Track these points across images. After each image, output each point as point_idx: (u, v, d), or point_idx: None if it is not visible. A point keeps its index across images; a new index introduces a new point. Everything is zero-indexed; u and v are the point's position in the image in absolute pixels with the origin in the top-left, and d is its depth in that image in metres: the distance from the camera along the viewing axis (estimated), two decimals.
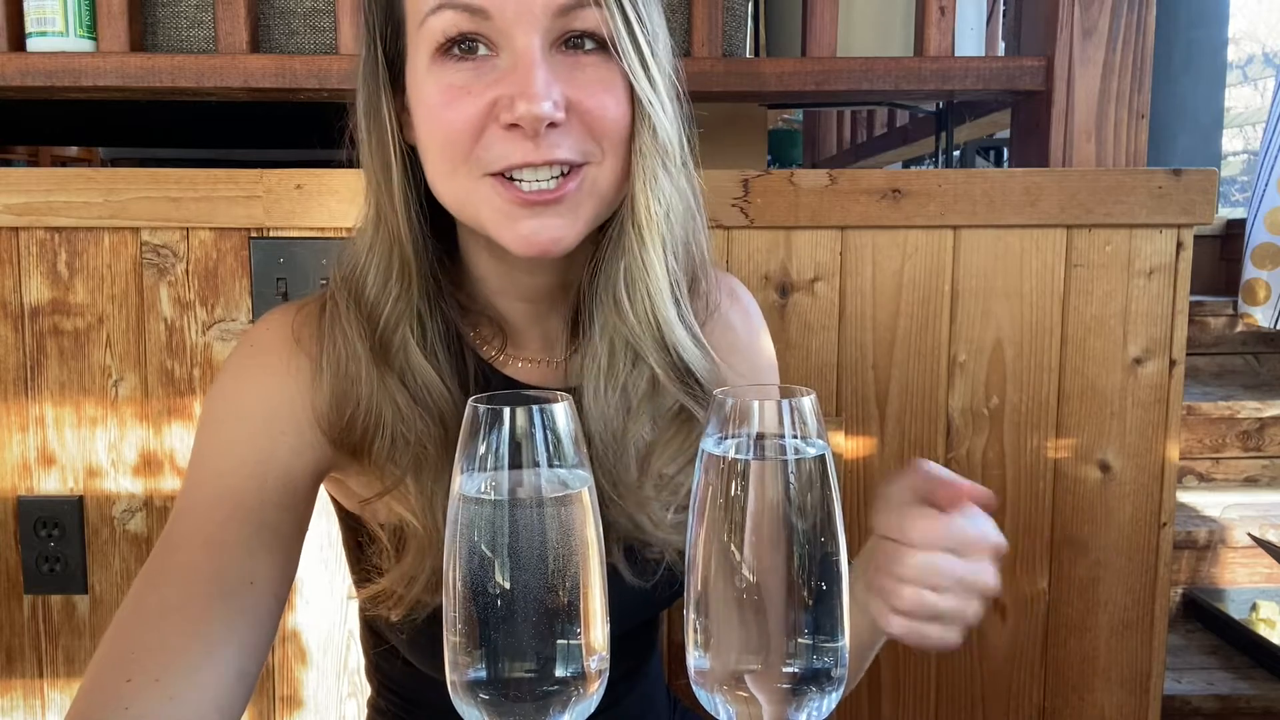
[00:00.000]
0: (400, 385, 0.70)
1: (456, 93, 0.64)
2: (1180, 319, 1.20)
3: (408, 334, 0.71)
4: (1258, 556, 2.00)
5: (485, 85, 0.64)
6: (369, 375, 0.70)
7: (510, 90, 0.63)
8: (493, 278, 0.76)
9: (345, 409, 0.70)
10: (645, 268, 0.69)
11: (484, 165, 0.65)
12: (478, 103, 0.64)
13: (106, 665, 0.59)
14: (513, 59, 0.63)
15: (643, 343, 0.71)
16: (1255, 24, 9.30)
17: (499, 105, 0.64)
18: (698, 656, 0.49)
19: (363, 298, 0.71)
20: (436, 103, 0.65)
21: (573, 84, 0.64)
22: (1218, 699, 1.68)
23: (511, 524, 0.46)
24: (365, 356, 0.70)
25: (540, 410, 0.46)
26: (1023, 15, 1.35)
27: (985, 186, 1.17)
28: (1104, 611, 1.24)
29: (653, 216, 0.68)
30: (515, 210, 0.66)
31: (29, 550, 1.21)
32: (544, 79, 0.62)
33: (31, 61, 1.19)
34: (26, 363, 1.19)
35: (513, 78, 0.63)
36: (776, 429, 0.47)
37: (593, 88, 0.65)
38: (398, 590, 0.71)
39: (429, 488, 0.70)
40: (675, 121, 0.69)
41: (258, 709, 1.24)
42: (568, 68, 0.65)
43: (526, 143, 0.64)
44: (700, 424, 0.71)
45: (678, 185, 0.70)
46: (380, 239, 0.71)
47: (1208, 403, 2.25)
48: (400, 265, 0.71)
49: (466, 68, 0.65)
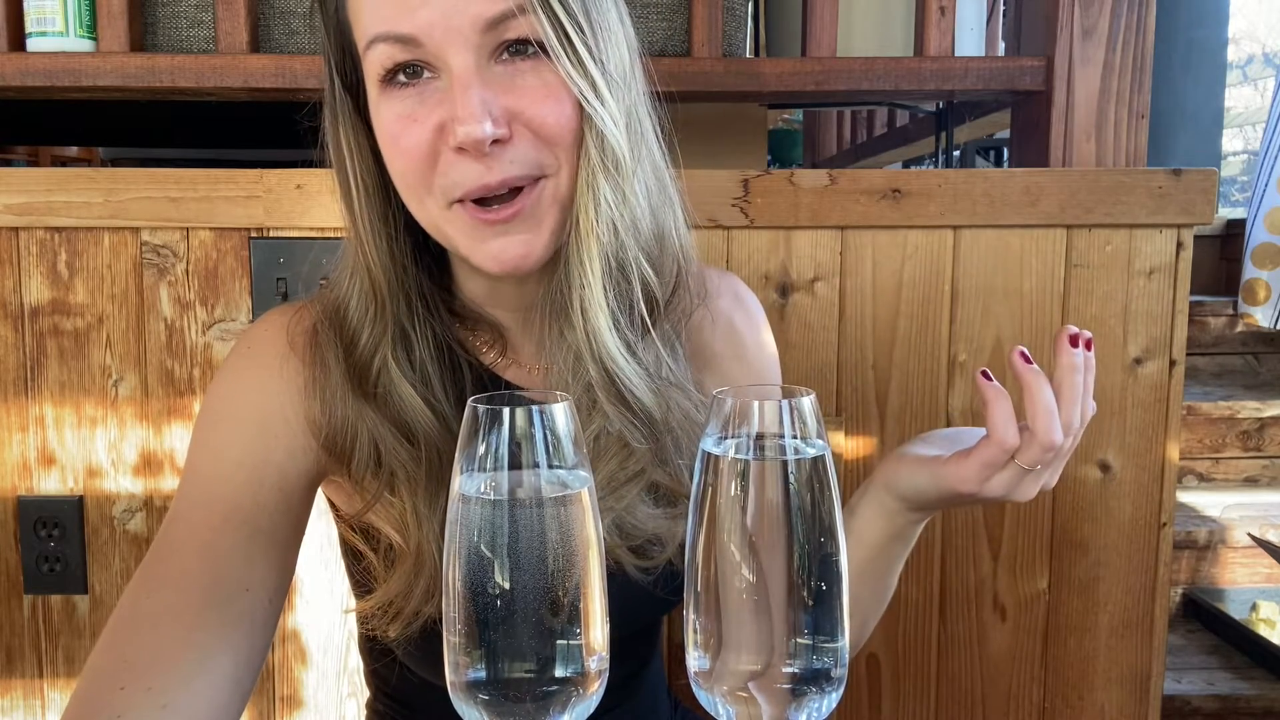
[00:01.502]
0: (379, 410, 0.70)
1: (405, 122, 0.65)
2: (1180, 319, 1.20)
3: (388, 358, 0.71)
4: (1258, 556, 2.00)
5: (429, 110, 0.64)
6: (344, 400, 0.70)
7: (451, 113, 0.63)
8: (479, 291, 0.77)
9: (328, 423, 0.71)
10: (582, 279, 0.68)
11: (447, 193, 0.65)
12: (425, 129, 0.64)
13: (99, 673, 0.59)
14: (449, 80, 0.63)
15: (582, 355, 0.69)
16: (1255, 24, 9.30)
17: (446, 128, 0.64)
18: (698, 657, 0.49)
19: (344, 323, 0.72)
20: (390, 134, 0.66)
21: (513, 94, 0.64)
22: (1218, 699, 1.68)
23: (511, 524, 0.46)
24: (341, 383, 0.70)
25: (540, 411, 0.46)
26: (1023, 15, 1.35)
27: (985, 186, 1.17)
28: (1104, 611, 1.24)
29: (593, 227, 0.67)
30: (482, 230, 0.66)
31: (29, 550, 1.21)
32: (479, 99, 0.62)
33: (31, 61, 1.19)
34: (26, 363, 1.19)
35: (451, 100, 0.63)
36: (776, 429, 0.47)
37: (534, 95, 0.64)
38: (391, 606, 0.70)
39: (410, 506, 0.69)
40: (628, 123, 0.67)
41: (258, 709, 1.24)
42: (508, 77, 0.64)
43: (478, 165, 0.64)
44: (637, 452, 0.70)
45: (629, 190, 0.68)
46: (356, 267, 0.72)
47: (1208, 403, 2.25)
48: (374, 295, 0.71)
49: (411, 95, 0.65)
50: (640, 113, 0.70)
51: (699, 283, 0.78)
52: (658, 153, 0.73)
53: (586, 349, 0.69)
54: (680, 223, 0.75)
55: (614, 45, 0.67)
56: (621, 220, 0.68)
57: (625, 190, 0.67)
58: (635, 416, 0.70)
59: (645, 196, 0.70)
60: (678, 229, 0.75)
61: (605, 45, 0.66)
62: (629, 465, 0.70)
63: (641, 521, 0.72)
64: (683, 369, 0.76)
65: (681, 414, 0.73)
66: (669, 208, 0.74)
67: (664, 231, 0.73)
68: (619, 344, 0.69)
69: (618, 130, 0.66)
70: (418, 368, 0.72)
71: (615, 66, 0.66)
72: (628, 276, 0.69)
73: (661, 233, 0.73)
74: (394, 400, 0.70)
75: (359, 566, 0.75)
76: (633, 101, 0.68)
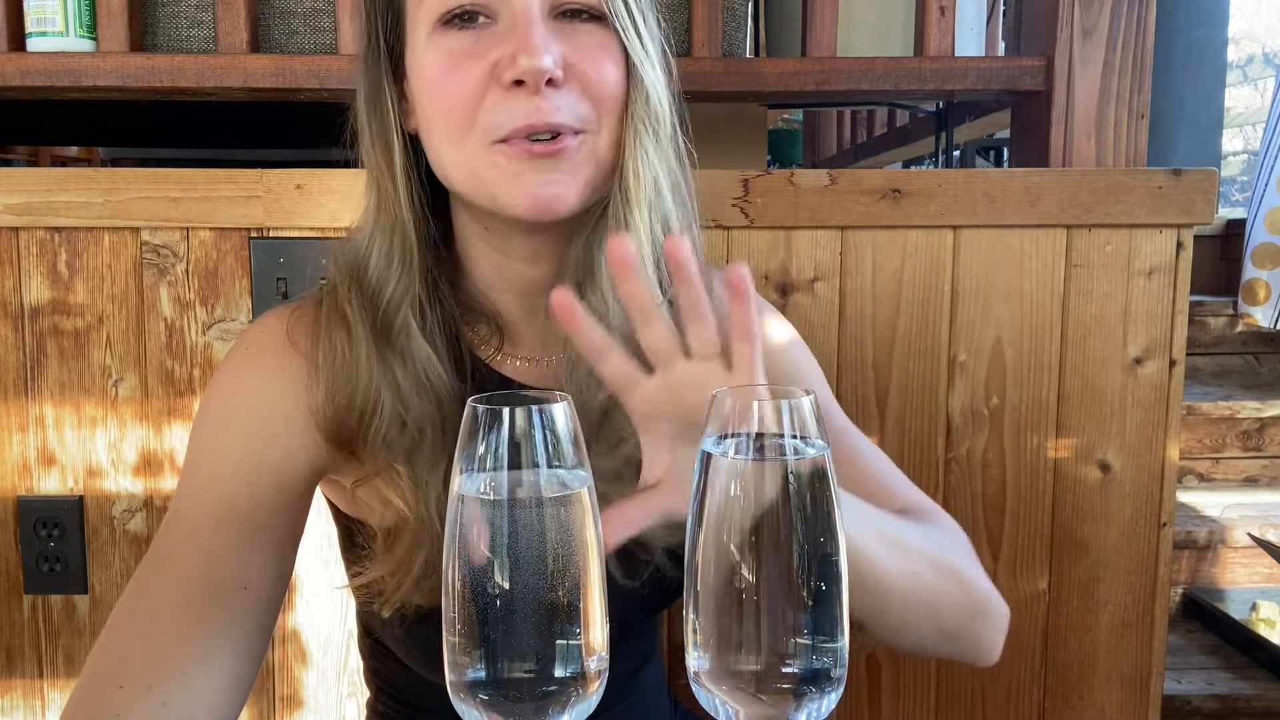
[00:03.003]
0: (401, 366, 0.70)
1: (458, 58, 0.66)
2: (1180, 319, 1.20)
3: (409, 316, 0.71)
4: (1258, 556, 2.00)
5: (485, 48, 0.66)
6: (369, 357, 0.70)
7: (511, 48, 0.64)
8: (490, 270, 0.76)
9: (341, 397, 0.70)
10: (630, 232, 0.69)
11: (490, 133, 0.66)
12: (479, 65, 0.65)
13: (99, 672, 0.59)
14: (511, 20, 0.65)
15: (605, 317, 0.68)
16: (1255, 24, 9.30)
17: (500, 65, 0.65)
18: (697, 656, 0.49)
19: (365, 280, 0.72)
20: (438, 70, 0.66)
21: (571, 47, 0.66)
22: (1218, 699, 1.68)
23: (511, 524, 0.46)
24: (366, 338, 0.70)
25: (539, 411, 0.46)
26: (1023, 15, 1.35)
27: (985, 186, 1.17)
28: (1104, 611, 1.24)
29: (641, 183, 0.69)
30: (521, 166, 0.66)
31: (29, 550, 1.21)
32: (543, 35, 0.64)
33: (31, 61, 1.19)
34: (26, 363, 1.19)
35: (512, 37, 0.65)
36: (776, 429, 0.47)
37: (591, 51, 0.67)
38: (388, 583, 0.70)
39: (424, 476, 0.69)
40: (667, 93, 0.71)
41: (258, 709, 1.24)
42: (565, 34, 0.67)
43: (528, 103, 0.65)
44: None
45: (665, 158, 0.71)
46: (382, 225, 0.72)
47: (1208, 403, 2.25)
48: (403, 247, 0.71)
49: (467, 35, 0.66)
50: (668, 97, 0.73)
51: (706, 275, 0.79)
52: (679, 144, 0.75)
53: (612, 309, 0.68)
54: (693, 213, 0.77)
55: (652, 19, 0.72)
56: (661, 181, 0.71)
57: (665, 151, 0.71)
58: None
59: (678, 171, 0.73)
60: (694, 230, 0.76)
61: (649, 16, 0.71)
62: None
63: None
64: None
65: None
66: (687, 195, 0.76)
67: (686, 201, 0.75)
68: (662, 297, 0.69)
69: (663, 93, 0.70)
70: (429, 336, 0.72)
71: (658, 35, 0.72)
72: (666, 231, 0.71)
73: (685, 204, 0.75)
74: (411, 356, 0.70)
75: (356, 556, 0.76)
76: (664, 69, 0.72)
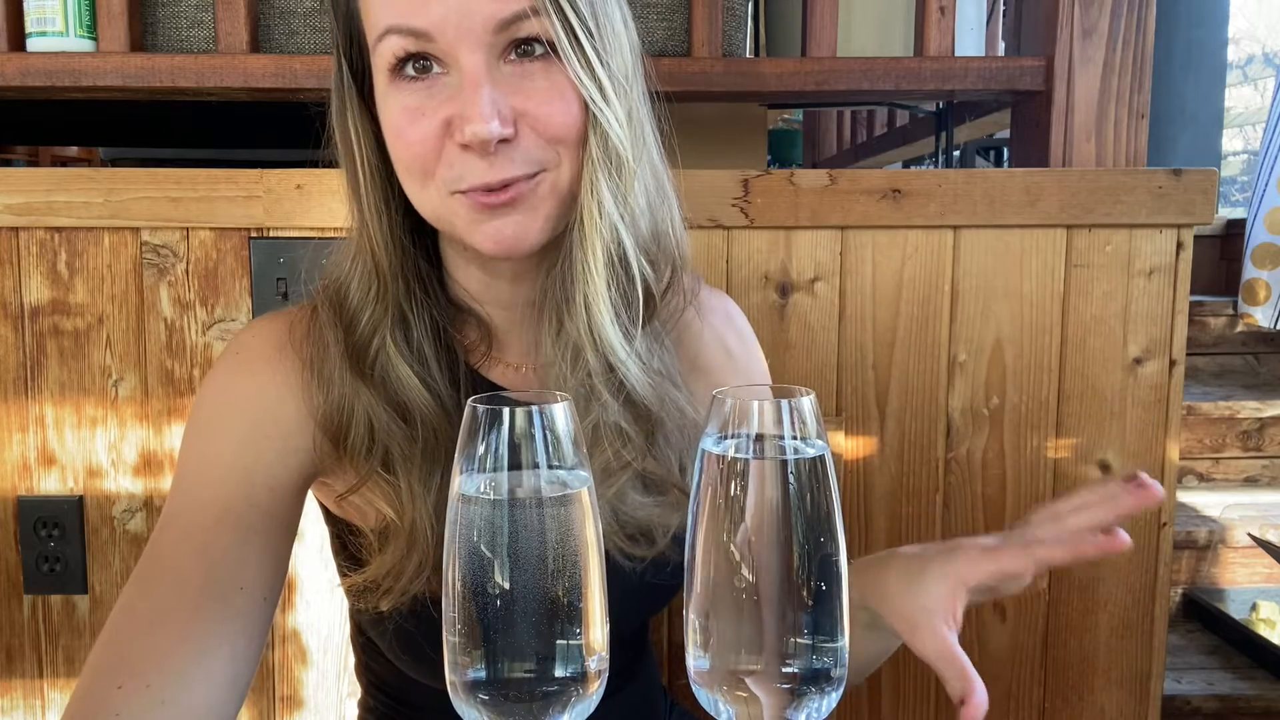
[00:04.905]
0: (375, 390, 0.71)
1: (412, 114, 0.66)
2: (1180, 319, 1.20)
3: (386, 339, 0.72)
4: (1258, 556, 2.00)
5: (438, 104, 0.65)
6: (341, 379, 0.71)
7: (459, 110, 0.64)
8: (474, 286, 0.77)
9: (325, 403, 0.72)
10: (586, 273, 0.69)
11: (448, 184, 0.67)
12: (432, 122, 0.65)
13: (97, 672, 0.60)
14: (460, 78, 0.64)
15: (583, 346, 0.71)
16: (1255, 24, 9.30)
17: (453, 125, 0.65)
18: (697, 656, 0.49)
19: (344, 305, 0.73)
20: (396, 125, 0.67)
21: (521, 94, 0.65)
22: (1218, 699, 1.68)
23: (511, 524, 0.46)
24: (339, 363, 0.72)
25: (539, 411, 0.46)
26: (1023, 15, 1.35)
27: (985, 186, 1.17)
28: (1104, 611, 1.24)
29: (595, 224, 0.68)
30: (480, 215, 0.67)
31: (29, 550, 1.21)
32: (488, 99, 0.63)
33: (31, 61, 1.19)
34: (26, 363, 1.19)
35: (461, 98, 0.64)
36: (776, 429, 0.47)
37: (542, 96, 0.65)
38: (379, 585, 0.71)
39: (408, 486, 0.70)
40: (630, 124, 0.69)
41: (258, 709, 1.24)
42: (517, 78, 0.65)
43: (481, 161, 0.65)
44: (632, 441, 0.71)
45: (630, 190, 0.70)
46: (360, 250, 0.73)
47: (1208, 403, 2.25)
48: (375, 273, 0.72)
49: (419, 88, 0.66)
50: (641, 114, 0.71)
51: (693, 282, 0.81)
52: (656, 153, 0.74)
53: (588, 340, 0.70)
54: (677, 223, 0.77)
55: (618, 47, 0.68)
56: (623, 218, 0.70)
57: (626, 189, 0.69)
58: (633, 406, 0.72)
59: (644, 195, 0.72)
60: (674, 228, 0.76)
61: (611, 47, 0.67)
62: (623, 454, 0.72)
63: (633, 509, 0.73)
64: (672, 361, 0.78)
65: (673, 404, 0.74)
66: (666, 208, 0.76)
67: (660, 231, 0.75)
68: (619, 336, 0.70)
69: (621, 131, 0.67)
70: (415, 348, 0.73)
71: (619, 68, 0.68)
72: (629, 272, 0.71)
73: (658, 232, 0.75)
74: (391, 380, 0.71)
75: (348, 557, 0.76)
76: (634, 102, 0.70)
